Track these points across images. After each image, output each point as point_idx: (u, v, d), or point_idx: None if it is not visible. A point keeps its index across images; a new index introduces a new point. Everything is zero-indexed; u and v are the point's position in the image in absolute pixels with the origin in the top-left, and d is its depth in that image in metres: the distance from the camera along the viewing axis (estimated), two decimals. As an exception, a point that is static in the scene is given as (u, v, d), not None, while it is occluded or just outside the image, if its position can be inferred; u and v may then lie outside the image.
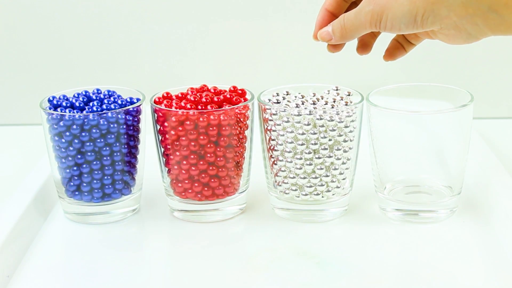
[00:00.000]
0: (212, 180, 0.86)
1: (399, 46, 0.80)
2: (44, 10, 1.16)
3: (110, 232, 0.87)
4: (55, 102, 0.87)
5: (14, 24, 1.17)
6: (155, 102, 0.87)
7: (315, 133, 0.83)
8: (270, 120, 0.85)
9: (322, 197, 0.86)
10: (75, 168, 0.86)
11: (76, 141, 0.84)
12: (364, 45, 0.81)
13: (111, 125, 0.85)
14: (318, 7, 0.81)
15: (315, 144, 0.83)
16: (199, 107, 0.85)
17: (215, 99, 0.86)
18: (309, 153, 0.84)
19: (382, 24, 0.66)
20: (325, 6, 0.79)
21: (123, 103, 0.87)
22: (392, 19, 0.65)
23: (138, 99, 0.88)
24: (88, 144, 0.84)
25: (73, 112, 0.85)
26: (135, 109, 0.87)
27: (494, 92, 1.19)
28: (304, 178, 0.85)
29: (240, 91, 0.89)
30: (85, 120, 0.84)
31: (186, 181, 0.86)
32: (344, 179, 0.86)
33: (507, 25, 0.61)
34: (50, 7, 1.16)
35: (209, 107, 0.85)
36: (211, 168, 0.85)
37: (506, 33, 0.63)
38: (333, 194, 0.86)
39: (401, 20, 0.64)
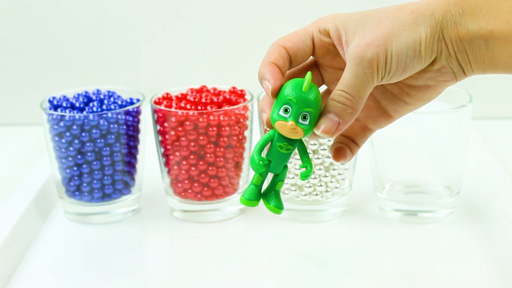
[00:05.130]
0: (212, 180, 0.86)
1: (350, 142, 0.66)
2: (44, 10, 1.17)
3: (110, 232, 0.87)
4: (55, 102, 0.87)
5: (14, 24, 1.17)
6: (155, 102, 0.87)
7: (314, 134, 0.83)
8: (270, 120, 0.85)
9: (322, 197, 0.86)
10: (75, 168, 0.86)
11: (76, 141, 0.85)
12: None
13: (111, 126, 0.85)
14: (318, 7, 0.79)
15: (314, 144, 0.84)
16: (199, 107, 0.85)
17: (215, 99, 0.86)
18: (308, 153, 0.84)
19: (387, 65, 0.59)
20: (271, 60, 0.63)
21: (123, 103, 0.87)
22: (397, 54, 0.59)
23: (138, 100, 0.88)
24: (88, 144, 0.85)
25: (73, 113, 0.85)
26: (135, 109, 0.87)
27: (493, 92, 1.19)
28: (304, 178, 0.85)
29: (239, 92, 0.89)
30: (85, 121, 0.84)
31: (186, 181, 0.86)
32: (343, 179, 0.86)
33: (490, 56, 0.60)
34: (50, 7, 1.16)
35: (208, 107, 0.85)
36: (210, 168, 0.85)
37: (488, 67, 0.60)
38: (332, 194, 0.86)
39: (406, 52, 0.59)
